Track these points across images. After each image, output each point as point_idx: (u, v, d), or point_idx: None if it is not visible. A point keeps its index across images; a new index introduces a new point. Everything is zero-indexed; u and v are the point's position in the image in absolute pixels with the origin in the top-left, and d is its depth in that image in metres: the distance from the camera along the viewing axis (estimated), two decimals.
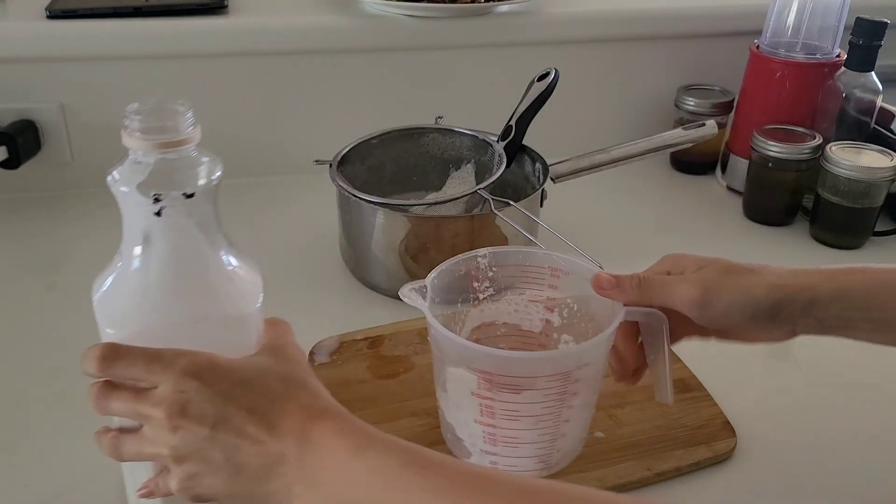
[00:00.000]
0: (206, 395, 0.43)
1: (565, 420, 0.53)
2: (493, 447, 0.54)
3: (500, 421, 0.52)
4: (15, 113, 0.91)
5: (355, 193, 0.74)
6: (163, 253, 0.44)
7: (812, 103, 0.92)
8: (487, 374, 0.50)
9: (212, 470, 0.43)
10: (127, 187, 0.43)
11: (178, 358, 0.44)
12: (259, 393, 0.44)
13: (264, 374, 0.45)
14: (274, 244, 0.86)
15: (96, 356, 0.44)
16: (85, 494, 0.55)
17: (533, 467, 0.55)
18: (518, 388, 0.51)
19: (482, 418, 0.53)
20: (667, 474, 0.56)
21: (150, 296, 0.45)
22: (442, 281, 0.55)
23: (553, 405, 0.52)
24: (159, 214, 0.43)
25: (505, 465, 0.54)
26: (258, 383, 0.44)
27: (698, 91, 1.04)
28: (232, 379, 0.44)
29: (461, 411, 0.54)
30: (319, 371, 0.65)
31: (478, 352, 0.50)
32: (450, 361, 0.52)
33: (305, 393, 0.45)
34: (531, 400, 0.51)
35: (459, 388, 0.53)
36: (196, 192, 0.43)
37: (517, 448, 0.53)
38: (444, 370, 0.53)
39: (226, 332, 0.47)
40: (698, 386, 0.64)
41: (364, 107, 1.00)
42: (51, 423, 0.61)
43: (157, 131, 0.43)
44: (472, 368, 0.51)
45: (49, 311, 0.74)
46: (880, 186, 0.84)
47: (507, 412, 0.52)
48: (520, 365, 0.51)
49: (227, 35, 0.93)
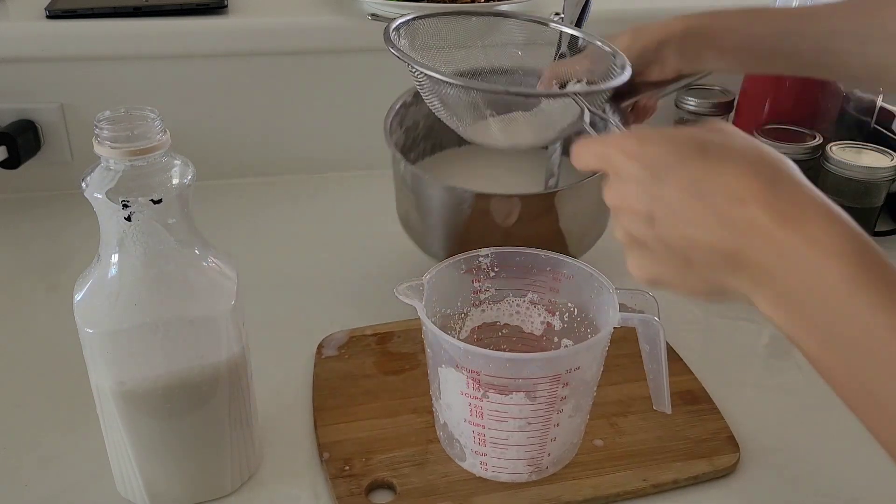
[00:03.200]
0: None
1: (555, 424, 0.53)
2: (483, 448, 0.54)
3: (488, 422, 0.52)
4: (15, 113, 0.91)
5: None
6: (134, 256, 0.47)
7: (812, 103, 0.92)
8: (475, 374, 0.50)
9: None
10: (98, 194, 0.45)
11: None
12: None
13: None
14: (271, 244, 0.87)
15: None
16: (85, 494, 0.55)
17: (523, 470, 0.55)
18: (505, 390, 0.51)
19: (471, 418, 0.53)
20: (664, 486, 0.56)
21: (123, 298, 0.47)
22: (441, 280, 0.55)
23: (542, 409, 0.52)
24: (129, 219, 0.45)
25: (494, 466, 0.55)
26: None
27: (698, 91, 1.03)
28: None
29: (452, 411, 0.54)
30: (326, 364, 0.66)
31: (464, 350, 0.50)
32: (440, 360, 0.52)
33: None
34: (519, 402, 0.51)
35: (450, 388, 0.53)
36: (164, 197, 0.45)
37: (506, 450, 0.53)
38: (435, 368, 0.54)
39: (199, 332, 0.49)
40: (706, 398, 0.63)
41: (364, 107, 1.00)
42: (51, 423, 0.61)
43: (125, 139, 0.45)
44: (461, 368, 0.51)
45: (49, 311, 0.74)
46: (880, 186, 0.84)
47: (495, 413, 0.52)
48: (507, 366, 0.51)
49: (227, 35, 0.93)
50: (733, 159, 0.41)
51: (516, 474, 0.55)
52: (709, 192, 0.40)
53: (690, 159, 0.41)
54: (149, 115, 0.46)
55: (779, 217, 0.38)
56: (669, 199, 0.42)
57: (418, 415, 0.61)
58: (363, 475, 0.55)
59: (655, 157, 0.42)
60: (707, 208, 0.40)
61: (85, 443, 0.57)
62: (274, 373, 0.65)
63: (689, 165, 0.41)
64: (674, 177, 0.42)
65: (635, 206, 0.43)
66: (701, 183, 0.41)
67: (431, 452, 0.58)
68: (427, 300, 0.53)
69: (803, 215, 0.38)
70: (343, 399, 0.62)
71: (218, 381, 0.51)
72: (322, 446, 0.58)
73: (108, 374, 0.48)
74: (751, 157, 0.41)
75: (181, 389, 0.49)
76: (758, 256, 0.39)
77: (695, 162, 0.41)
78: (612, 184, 0.45)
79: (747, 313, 0.77)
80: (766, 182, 0.40)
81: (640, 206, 0.43)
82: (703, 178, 0.41)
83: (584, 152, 0.47)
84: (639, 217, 0.43)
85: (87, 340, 0.48)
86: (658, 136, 0.43)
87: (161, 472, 0.52)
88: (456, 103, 0.60)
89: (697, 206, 0.41)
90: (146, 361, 0.48)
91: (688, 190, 0.41)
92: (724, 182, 0.40)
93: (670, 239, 0.42)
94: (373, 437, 0.59)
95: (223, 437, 0.53)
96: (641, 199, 0.43)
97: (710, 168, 0.41)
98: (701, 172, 0.41)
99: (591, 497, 0.54)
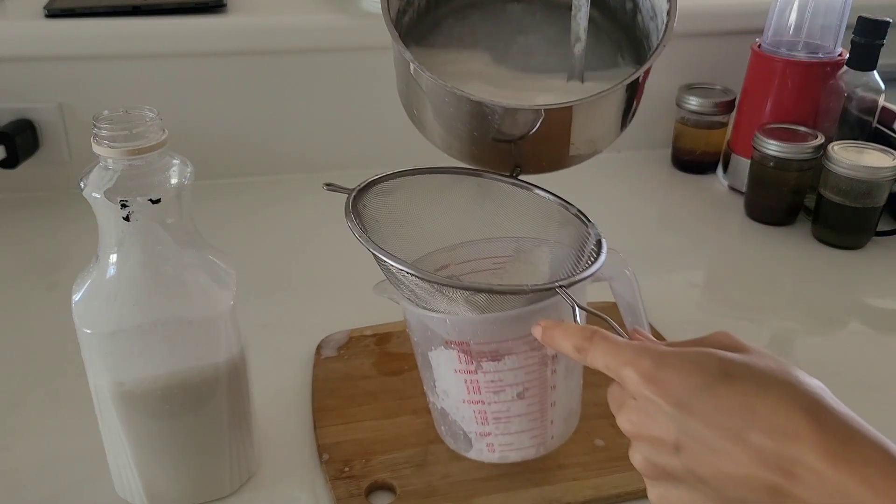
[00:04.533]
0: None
1: (552, 387, 0.53)
2: (486, 426, 0.53)
3: (486, 395, 0.52)
4: (13, 112, 0.90)
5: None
6: (132, 256, 0.46)
7: (814, 103, 0.92)
8: (465, 346, 0.50)
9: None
10: (97, 193, 0.44)
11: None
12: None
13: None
14: (271, 244, 0.86)
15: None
16: (83, 495, 0.55)
17: (529, 443, 0.54)
18: (497, 355, 0.50)
19: (469, 396, 0.52)
20: None
21: (121, 298, 0.46)
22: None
23: (535, 370, 0.51)
24: (128, 219, 0.45)
25: (501, 444, 0.54)
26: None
27: (700, 90, 1.03)
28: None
29: (450, 396, 0.54)
30: (325, 365, 0.66)
31: (450, 324, 0.49)
32: (430, 344, 0.52)
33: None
34: (512, 366, 0.51)
35: (443, 370, 0.53)
36: (163, 196, 0.45)
37: (509, 422, 0.53)
38: (425, 356, 0.53)
39: (197, 333, 0.49)
40: None
41: (364, 107, 1.00)
42: (51, 423, 0.61)
43: (124, 139, 0.44)
44: (450, 343, 0.50)
45: (49, 310, 0.74)
46: (882, 186, 0.84)
47: (491, 384, 0.51)
48: (492, 326, 0.50)
49: (226, 34, 0.93)
50: (766, 388, 0.38)
51: (524, 450, 0.54)
52: (744, 426, 0.37)
53: (716, 386, 0.38)
54: (147, 115, 0.46)
55: (830, 456, 0.35)
56: (698, 431, 0.38)
57: (418, 415, 0.60)
58: (363, 476, 0.55)
59: (678, 385, 0.39)
60: (744, 443, 0.37)
61: (83, 443, 0.57)
62: (273, 373, 0.64)
63: (715, 393, 0.38)
64: (701, 406, 0.38)
65: (658, 435, 0.40)
66: (733, 414, 0.37)
67: (432, 453, 0.57)
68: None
69: (856, 454, 0.35)
70: (342, 400, 0.62)
71: (217, 381, 0.51)
72: (321, 447, 0.58)
73: (106, 374, 0.48)
74: (785, 385, 0.38)
75: (180, 390, 0.49)
76: (806, 495, 0.36)
77: (720, 388, 0.38)
78: (629, 409, 0.41)
79: (748, 313, 0.77)
80: (810, 416, 0.36)
81: (665, 434, 0.39)
82: (734, 408, 0.37)
83: (592, 354, 0.43)
84: (664, 447, 0.40)
85: (86, 341, 0.48)
86: (676, 359, 0.40)
87: (160, 473, 0.52)
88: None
89: (733, 440, 0.37)
90: (145, 362, 0.48)
91: (719, 422, 0.38)
92: (763, 415, 0.37)
93: (702, 472, 0.39)
94: (372, 438, 0.59)
95: (222, 437, 0.53)
96: (665, 428, 0.39)
97: (740, 397, 0.38)
98: (730, 401, 0.38)
99: (591, 498, 0.54)
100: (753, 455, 0.37)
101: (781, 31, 0.94)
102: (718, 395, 0.38)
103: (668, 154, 1.08)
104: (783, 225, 0.92)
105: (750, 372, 0.39)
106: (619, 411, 0.42)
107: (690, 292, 0.81)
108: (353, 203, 0.52)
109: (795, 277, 0.84)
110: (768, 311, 0.78)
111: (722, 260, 0.88)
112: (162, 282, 0.47)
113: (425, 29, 0.65)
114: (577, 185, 0.82)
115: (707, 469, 0.38)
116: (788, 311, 0.78)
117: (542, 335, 0.46)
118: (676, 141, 1.06)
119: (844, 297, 0.80)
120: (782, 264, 0.86)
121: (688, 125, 1.03)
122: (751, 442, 0.37)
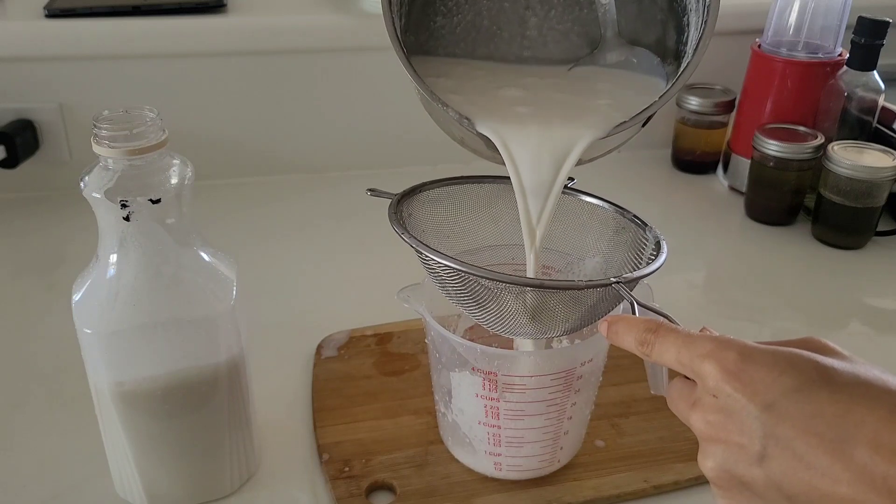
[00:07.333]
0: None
1: (568, 417, 0.53)
2: (498, 448, 0.54)
3: (504, 421, 0.52)
4: (13, 112, 0.90)
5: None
6: (132, 256, 0.46)
7: (814, 103, 0.92)
8: (492, 375, 0.50)
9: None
10: (97, 193, 0.44)
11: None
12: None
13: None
14: (271, 244, 0.86)
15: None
16: (83, 495, 0.55)
17: (537, 466, 0.54)
18: (524, 388, 0.50)
19: (487, 419, 0.52)
20: (665, 487, 0.55)
21: (122, 298, 0.46)
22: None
23: (557, 403, 0.51)
24: (128, 219, 0.45)
25: (509, 465, 0.54)
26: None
27: (700, 90, 1.03)
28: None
29: (466, 414, 0.54)
30: (326, 365, 0.66)
31: (481, 353, 0.49)
32: (452, 365, 0.52)
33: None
34: (536, 398, 0.51)
35: (464, 392, 0.52)
36: (163, 196, 0.45)
37: (521, 448, 0.53)
38: (445, 373, 0.53)
39: (198, 333, 0.49)
40: None
41: (364, 107, 1.00)
42: (51, 423, 0.61)
43: (124, 139, 0.44)
44: (477, 371, 0.50)
45: (49, 310, 0.73)
46: (882, 186, 0.84)
47: (511, 412, 0.51)
48: (525, 365, 0.50)
49: (226, 34, 0.93)
50: (875, 398, 0.33)
51: (529, 471, 0.55)
52: (846, 438, 0.32)
53: (815, 389, 0.34)
54: (147, 115, 0.46)
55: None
56: (789, 439, 0.34)
57: (418, 416, 0.60)
58: (363, 476, 0.55)
59: (769, 383, 0.34)
60: (847, 458, 0.32)
61: (83, 443, 0.57)
62: (273, 373, 0.64)
63: (813, 397, 0.33)
64: (796, 410, 0.33)
65: (739, 440, 0.35)
66: (834, 423, 0.33)
67: (432, 454, 0.57)
68: (428, 302, 0.52)
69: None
70: (343, 400, 0.62)
71: (217, 381, 0.50)
72: (321, 447, 0.58)
73: (106, 374, 0.48)
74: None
75: (180, 390, 0.49)
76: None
77: (821, 392, 0.33)
78: (706, 407, 0.36)
79: (748, 313, 0.77)
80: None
81: (747, 441, 0.35)
82: (836, 416, 0.33)
83: (660, 348, 0.38)
84: (744, 454, 0.35)
85: (86, 341, 0.48)
86: (765, 354, 0.35)
87: (160, 473, 0.52)
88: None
89: (833, 454, 0.33)
90: (145, 362, 0.48)
91: (815, 430, 0.33)
92: (873, 428, 0.32)
93: (789, 487, 0.34)
94: (373, 438, 0.59)
95: (222, 437, 0.53)
96: (749, 432, 0.35)
97: (843, 405, 0.33)
98: (832, 408, 0.33)
99: (592, 498, 0.54)
100: (858, 473, 0.32)
101: (781, 32, 0.94)
102: (817, 400, 0.33)
103: (668, 154, 1.08)
104: (783, 225, 0.92)
105: (855, 379, 0.34)
106: (693, 409, 0.37)
107: (690, 292, 0.81)
108: (397, 208, 0.51)
109: (795, 277, 0.84)
110: (768, 311, 0.78)
111: (722, 260, 0.88)
112: (162, 282, 0.47)
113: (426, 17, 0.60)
114: (577, 186, 0.83)
115: (796, 485, 0.34)
116: (788, 311, 0.78)
117: (607, 331, 0.42)
118: (676, 141, 1.06)
119: (844, 297, 0.80)
120: (782, 264, 0.86)
121: (688, 125, 1.03)
122: (855, 458, 0.32)
